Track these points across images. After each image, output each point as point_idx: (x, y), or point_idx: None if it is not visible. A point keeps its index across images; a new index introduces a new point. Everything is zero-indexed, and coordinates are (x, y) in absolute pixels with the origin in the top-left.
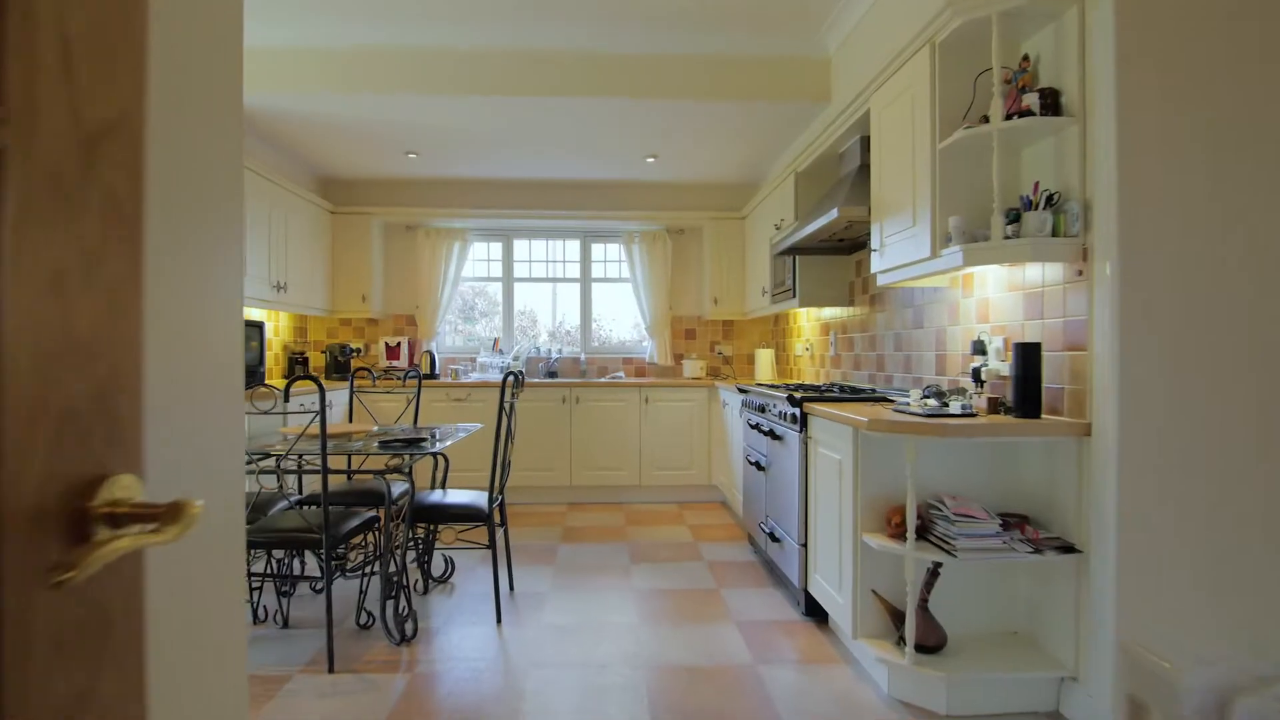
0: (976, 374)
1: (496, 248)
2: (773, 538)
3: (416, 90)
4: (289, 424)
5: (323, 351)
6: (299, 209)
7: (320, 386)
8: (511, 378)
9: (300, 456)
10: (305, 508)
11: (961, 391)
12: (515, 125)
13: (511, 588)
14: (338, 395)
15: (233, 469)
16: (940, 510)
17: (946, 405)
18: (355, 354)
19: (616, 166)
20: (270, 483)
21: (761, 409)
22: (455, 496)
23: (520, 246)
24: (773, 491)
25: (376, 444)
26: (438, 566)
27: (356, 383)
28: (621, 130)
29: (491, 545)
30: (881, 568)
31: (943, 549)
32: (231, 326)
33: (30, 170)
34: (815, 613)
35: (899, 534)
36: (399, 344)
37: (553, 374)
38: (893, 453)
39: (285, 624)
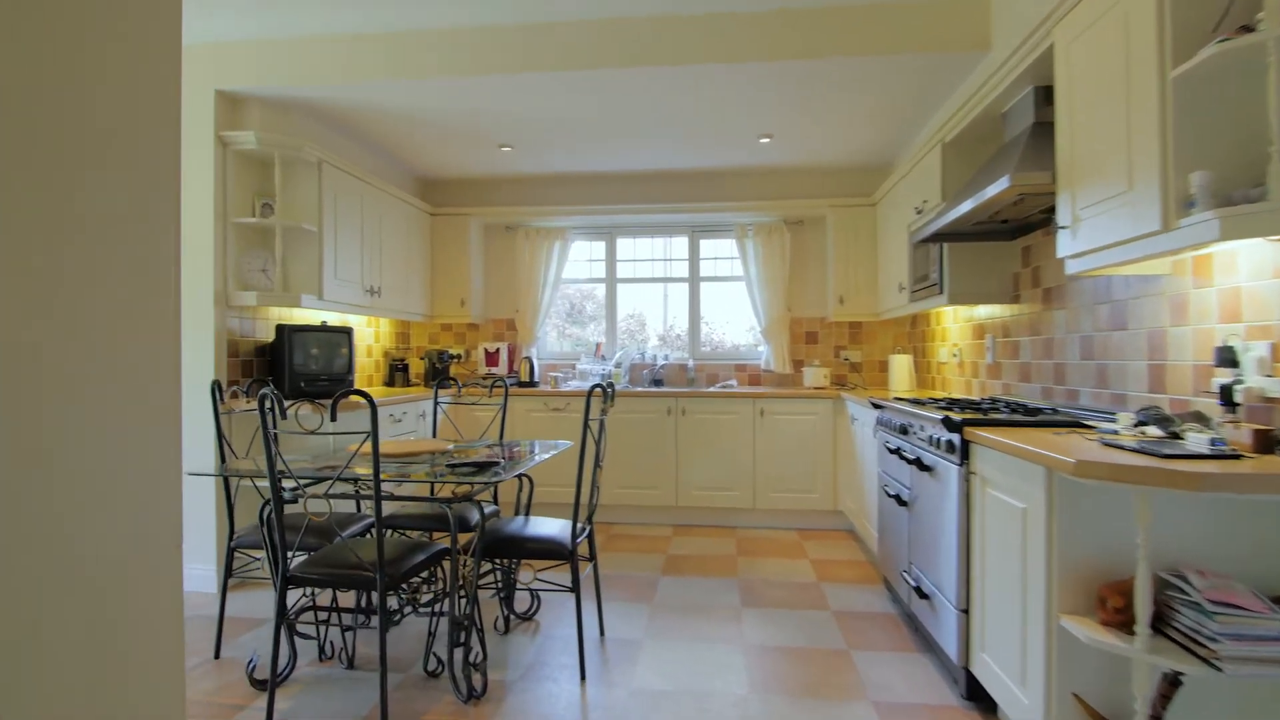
0: (1226, 394)
1: (599, 247)
2: (919, 593)
3: (503, 70)
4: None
5: (421, 358)
6: (394, 210)
7: (370, 401)
8: (600, 390)
9: (357, 481)
10: (374, 534)
11: (1199, 418)
12: (610, 106)
13: (602, 631)
14: (430, 405)
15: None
16: (1184, 593)
17: (1179, 437)
18: (455, 360)
19: (726, 150)
20: (317, 505)
21: (903, 430)
22: (536, 527)
23: (624, 245)
24: (919, 534)
25: (445, 466)
26: (523, 600)
27: (443, 391)
28: (731, 105)
29: (575, 588)
30: (1088, 664)
31: (1193, 652)
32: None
33: None
34: (979, 697)
35: (1120, 622)
36: (498, 350)
37: (658, 382)
38: (1109, 505)
39: (350, 664)
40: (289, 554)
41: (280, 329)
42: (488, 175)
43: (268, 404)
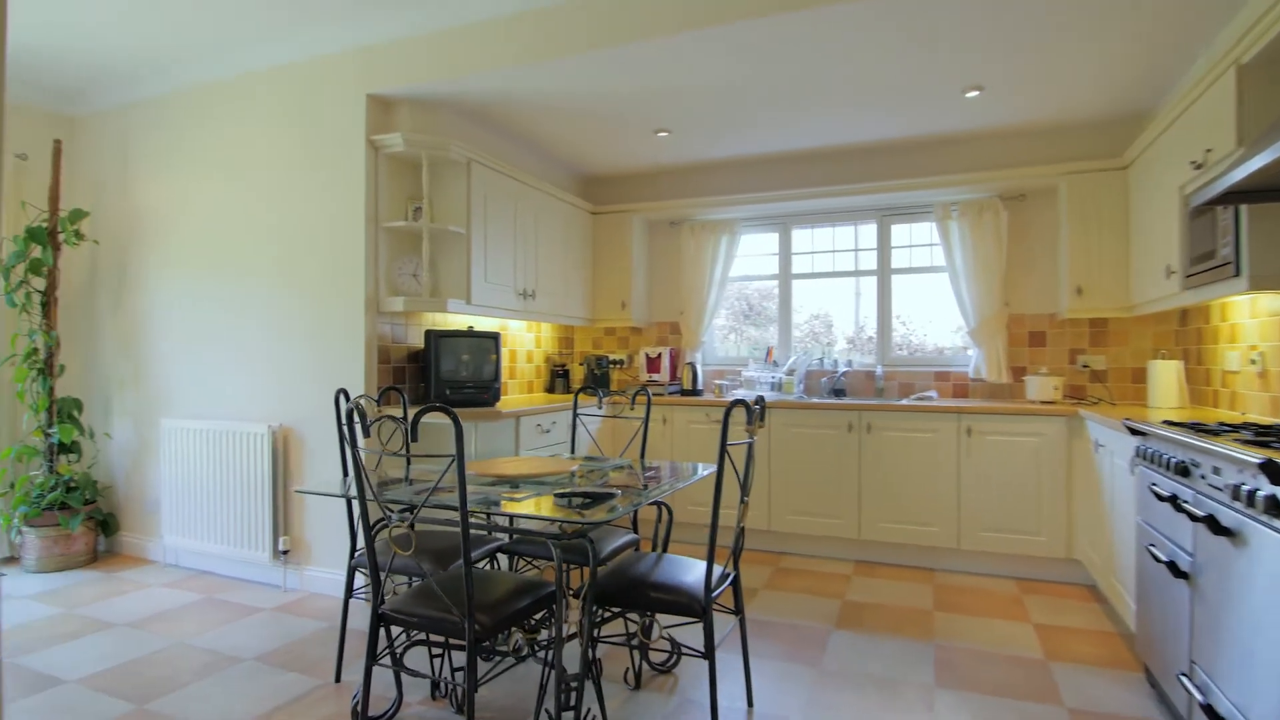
0: None
1: (771, 239)
2: (1210, 712)
3: (658, 32)
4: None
5: (581, 363)
6: (550, 209)
7: (454, 419)
8: (743, 406)
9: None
10: (502, 559)
11: None
12: (777, 67)
13: (750, 702)
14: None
15: None
16: None
17: None
18: (617, 366)
19: (922, 112)
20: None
21: (1182, 471)
22: (669, 570)
23: (800, 237)
24: (1210, 623)
25: (554, 496)
26: (663, 646)
27: (586, 400)
28: (927, 52)
29: (708, 654)
30: None
31: None
32: None
33: None
34: None
35: None
36: (659, 355)
37: (839, 392)
38: None
39: (460, 707)
40: (382, 581)
41: (428, 335)
42: (648, 167)
43: (355, 416)
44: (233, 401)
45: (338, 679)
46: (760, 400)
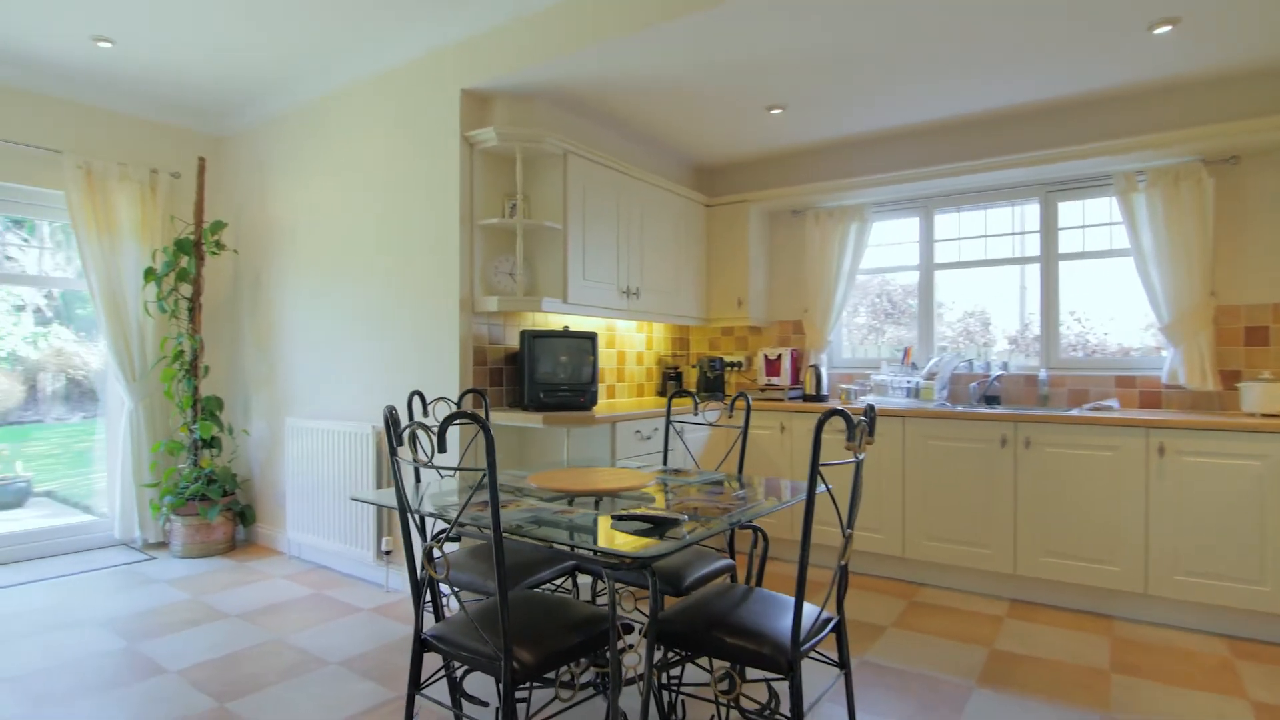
0: None
1: (909, 224)
2: None
3: None
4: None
5: (693, 365)
6: (658, 202)
7: (484, 425)
8: (842, 419)
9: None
10: (578, 579)
11: None
12: (907, 18)
13: None
14: (713, 420)
15: None
16: None
17: None
18: (734, 368)
19: (1096, 62)
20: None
21: None
22: (756, 609)
23: (945, 222)
24: None
25: (612, 518)
26: (759, 690)
27: (680, 405)
28: None
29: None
30: None
31: None
32: None
33: None
34: None
35: None
36: (779, 356)
37: (992, 399)
38: None
39: None
40: (425, 598)
41: (523, 335)
42: (765, 151)
43: (402, 425)
44: (344, 402)
45: (456, 685)
46: (870, 410)
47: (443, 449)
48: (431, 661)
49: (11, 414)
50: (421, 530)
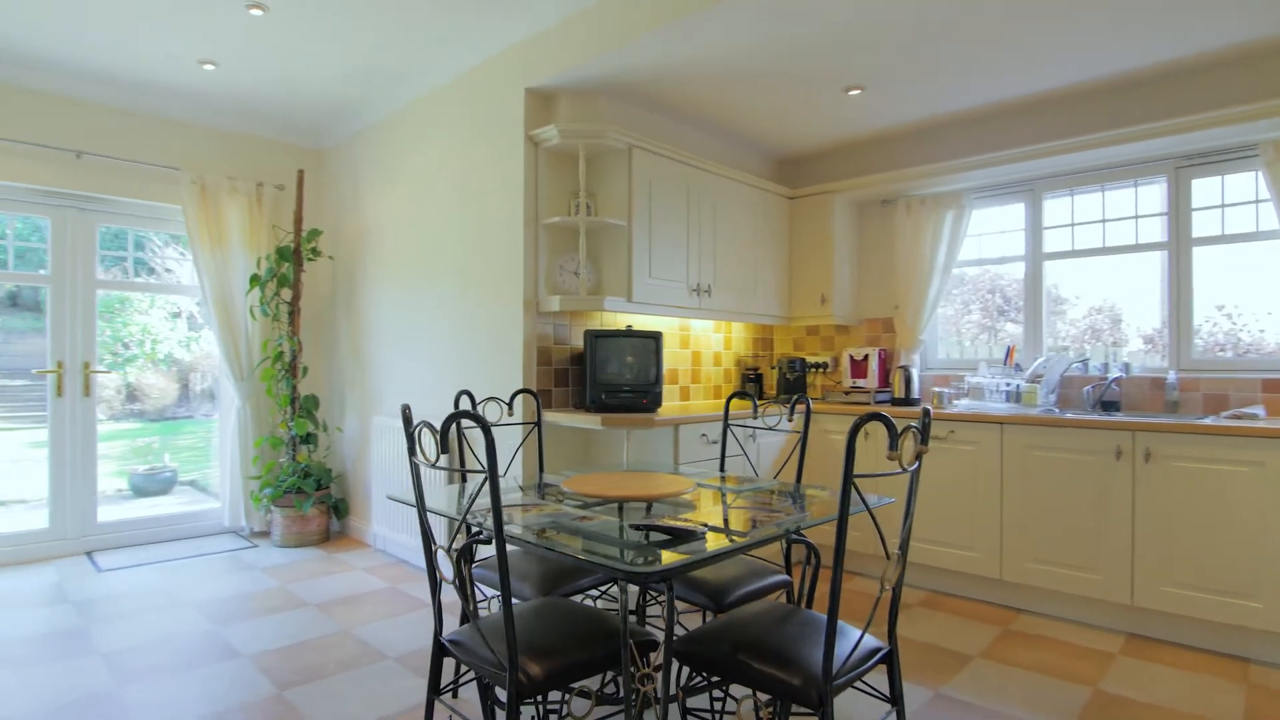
0: None
1: (1013, 211)
2: None
3: None
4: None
5: (772, 366)
6: (732, 195)
7: (484, 425)
8: (884, 424)
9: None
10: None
11: None
12: None
13: None
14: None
15: None
16: None
17: None
18: (818, 370)
19: (1233, 10)
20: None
21: None
22: (795, 634)
23: (1055, 207)
24: None
25: (631, 528)
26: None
27: (740, 408)
28: None
29: None
30: None
31: None
32: None
33: None
34: None
35: None
36: (865, 356)
37: (1110, 405)
38: None
39: None
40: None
41: (586, 335)
42: (849, 138)
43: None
44: (422, 401)
45: (454, 694)
46: (927, 414)
47: (444, 449)
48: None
49: (167, 410)
50: (465, 532)
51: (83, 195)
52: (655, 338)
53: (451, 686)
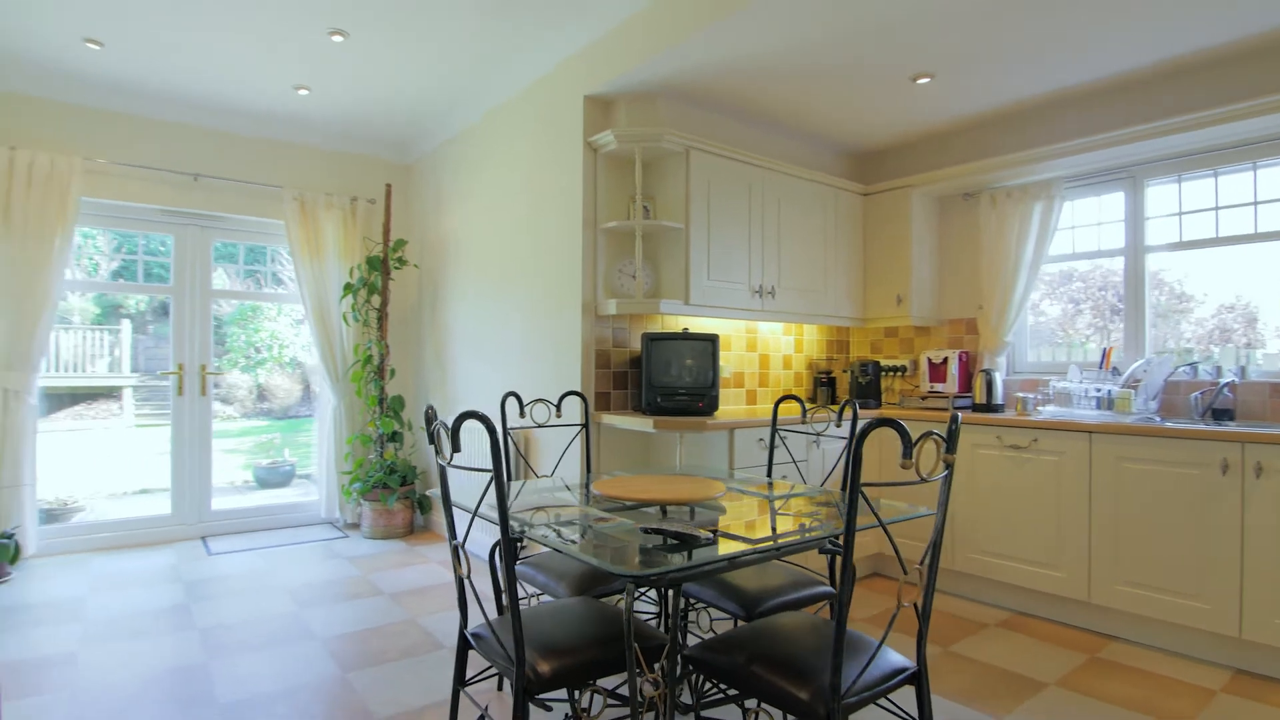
0: None
1: (1112, 202)
2: None
3: None
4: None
5: (845, 370)
6: (799, 194)
7: (488, 424)
8: (895, 431)
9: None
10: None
11: None
12: None
13: None
14: (849, 430)
15: None
16: None
17: None
18: (895, 373)
19: None
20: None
21: None
22: (810, 649)
23: (1159, 194)
24: None
25: (639, 530)
26: None
27: (784, 412)
28: None
29: None
30: None
31: None
32: None
33: None
34: None
35: None
36: (944, 360)
37: (1221, 413)
38: None
39: None
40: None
41: (643, 338)
42: (925, 128)
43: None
44: (491, 403)
45: (499, 687)
46: (954, 421)
47: (457, 448)
48: None
49: (290, 409)
50: (450, 527)
51: (199, 214)
52: (712, 340)
53: (477, 679)
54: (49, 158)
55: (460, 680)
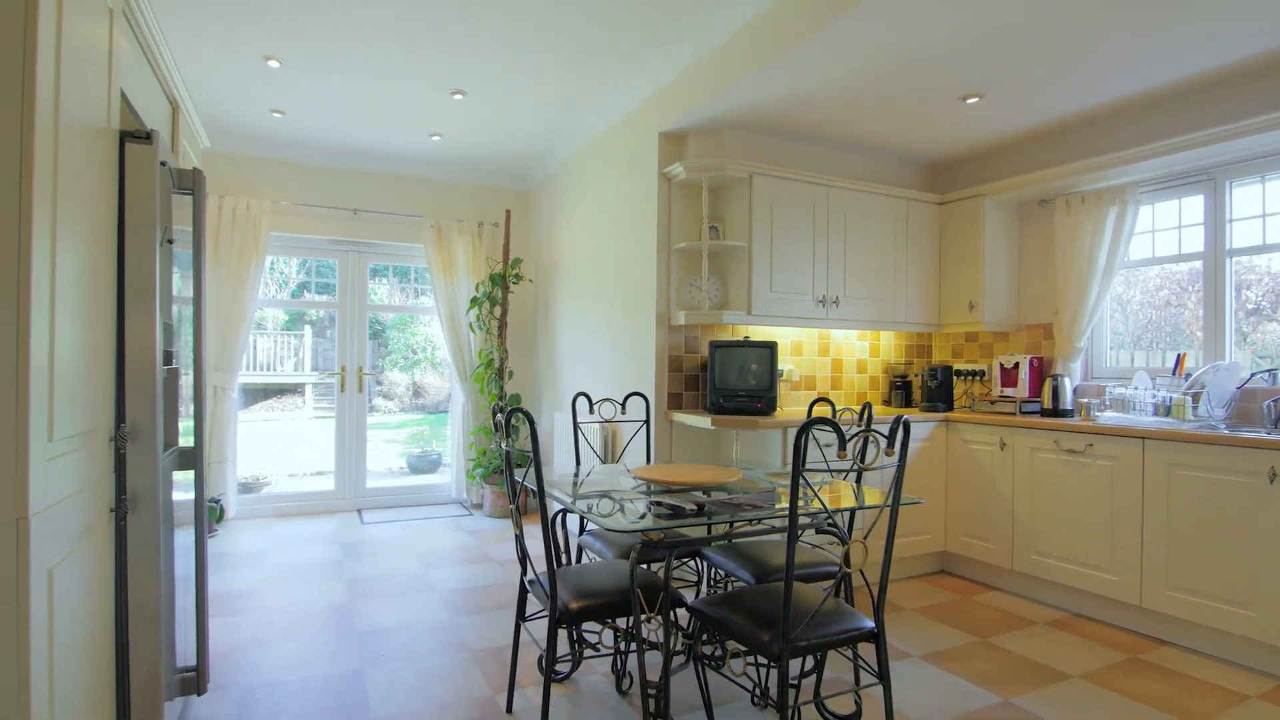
0: None
1: (1191, 205)
2: None
3: None
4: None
5: (916, 374)
6: (865, 207)
7: (529, 417)
8: (833, 428)
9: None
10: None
11: None
12: None
13: None
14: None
15: None
16: None
17: None
18: (971, 378)
19: None
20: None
21: None
22: (793, 606)
23: (1245, 195)
24: None
25: (649, 500)
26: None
27: (817, 413)
28: None
29: (781, 709)
30: None
31: None
32: None
33: None
34: None
35: None
36: (1015, 365)
37: None
38: None
39: (619, 686)
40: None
41: (710, 345)
42: (999, 137)
43: (500, 418)
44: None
45: (509, 709)
46: (901, 422)
47: (509, 434)
48: None
49: (440, 405)
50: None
51: (358, 241)
52: (770, 347)
53: (536, 616)
54: (245, 201)
55: (521, 616)
